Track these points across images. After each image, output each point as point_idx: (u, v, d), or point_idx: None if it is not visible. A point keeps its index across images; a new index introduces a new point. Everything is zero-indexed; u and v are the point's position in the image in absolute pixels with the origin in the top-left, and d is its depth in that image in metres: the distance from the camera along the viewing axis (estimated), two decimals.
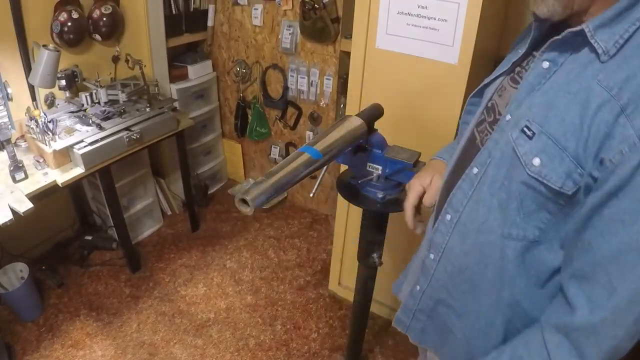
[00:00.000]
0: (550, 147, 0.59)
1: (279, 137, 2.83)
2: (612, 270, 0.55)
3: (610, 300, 0.56)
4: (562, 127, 0.58)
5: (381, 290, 2.04)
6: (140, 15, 2.23)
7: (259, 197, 0.79)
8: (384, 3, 1.43)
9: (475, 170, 0.73)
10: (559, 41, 0.62)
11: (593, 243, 0.57)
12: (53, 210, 2.35)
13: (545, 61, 0.64)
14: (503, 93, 0.75)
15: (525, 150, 0.62)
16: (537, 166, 0.61)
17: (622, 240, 0.54)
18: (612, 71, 0.55)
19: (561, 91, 0.60)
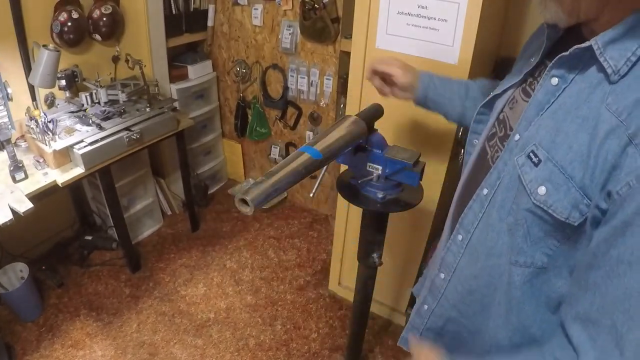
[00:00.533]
0: (557, 175, 0.56)
1: (279, 137, 2.83)
2: (618, 316, 0.50)
3: (617, 348, 0.50)
4: (570, 155, 0.55)
5: (381, 290, 2.04)
6: (140, 15, 2.23)
7: (259, 197, 0.79)
8: (384, 3, 1.43)
9: (485, 192, 0.71)
10: (566, 57, 0.58)
11: (600, 285, 0.52)
12: (53, 210, 2.35)
13: (554, 77, 0.60)
14: (515, 106, 0.72)
15: (531, 177, 0.60)
16: (543, 195, 0.58)
17: (629, 284, 0.49)
18: (622, 93, 0.50)
19: (570, 115, 0.57)
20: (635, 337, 0.48)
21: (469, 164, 0.85)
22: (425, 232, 1.77)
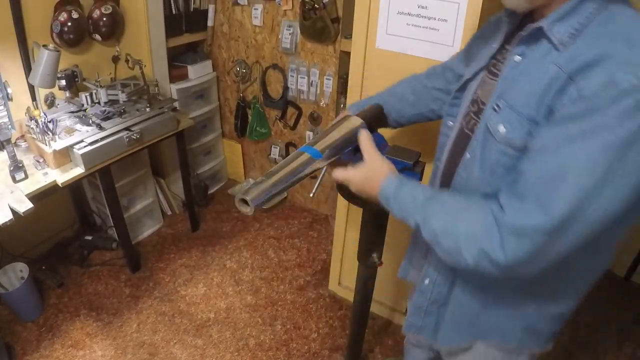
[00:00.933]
0: (512, 115, 0.71)
1: (279, 137, 2.83)
2: (540, 191, 0.64)
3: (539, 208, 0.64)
4: (522, 100, 0.70)
5: (381, 290, 2.04)
6: (140, 16, 2.23)
7: (258, 197, 0.79)
8: (384, 3, 1.43)
9: (468, 156, 0.83)
10: (524, 36, 0.73)
11: (524, 169, 0.67)
12: (53, 210, 2.35)
13: (516, 55, 0.74)
14: (484, 86, 0.84)
15: (493, 122, 0.74)
16: (503, 133, 0.72)
17: (548, 164, 0.64)
18: (564, 55, 0.65)
19: (524, 75, 0.71)
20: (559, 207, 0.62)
21: (449, 143, 0.94)
22: None
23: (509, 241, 0.66)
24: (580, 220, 0.62)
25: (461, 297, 0.94)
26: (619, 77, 0.58)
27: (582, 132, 0.60)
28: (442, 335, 1.01)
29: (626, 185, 0.61)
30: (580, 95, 0.61)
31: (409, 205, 0.81)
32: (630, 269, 2.35)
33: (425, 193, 0.80)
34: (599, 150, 0.59)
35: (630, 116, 0.57)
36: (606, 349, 2.00)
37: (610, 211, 0.62)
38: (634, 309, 2.22)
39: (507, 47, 0.81)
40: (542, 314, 0.89)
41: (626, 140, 0.58)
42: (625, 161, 0.59)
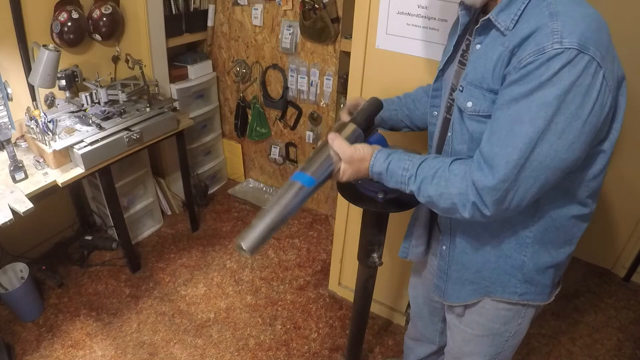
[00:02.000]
0: (474, 91, 0.84)
1: (279, 137, 2.83)
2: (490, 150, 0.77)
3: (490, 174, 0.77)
4: (479, 76, 0.83)
5: (381, 290, 2.04)
6: (140, 15, 2.23)
7: (256, 243, 0.84)
8: (384, 3, 1.43)
9: (449, 134, 0.95)
10: (479, 28, 0.85)
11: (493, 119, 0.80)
12: (53, 210, 2.35)
13: (477, 44, 0.86)
14: (457, 75, 0.95)
15: (461, 100, 0.87)
16: (470, 106, 0.85)
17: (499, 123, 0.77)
18: (508, 37, 0.78)
19: (481, 58, 0.83)
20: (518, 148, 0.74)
21: (436, 131, 1.05)
22: None
23: (484, 196, 0.79)
24: (529, 167, 0.75)
25: (462, 257, 1.04)
26: (546, 45, 0.70)
27: (522, 93, 0.73)
28: (450, 294, 1.11)
29: (570, 132, 0.72)
30: (519, 64, 0.73)
31: (402, 178, 0.91)
32: (631, 269, 2.35)
33: (414, 163, 0.89)
34: (537, 107, 0.71)
35: (559, 76, 0.69)
36: (606, 349, 2.00)
37: (561, 157, 0.74)
38: (634, 309, 2.22)
39: (470, 38, 0.92)
40: (538, 266, 0.97)
41: (559, 96, 0.70)
42: (564, 112, 0.71)
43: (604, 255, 2.44)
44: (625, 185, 2.20)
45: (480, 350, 1.16)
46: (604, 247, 2.40)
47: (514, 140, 0.74)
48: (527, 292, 1.01)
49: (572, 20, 0.70)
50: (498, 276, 1.01)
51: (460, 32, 0.93)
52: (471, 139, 0.88)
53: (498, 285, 1.02)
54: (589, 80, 0.70)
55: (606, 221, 2.31)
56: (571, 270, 2.40)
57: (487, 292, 1.04)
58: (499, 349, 1.14)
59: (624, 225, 2.29)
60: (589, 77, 0.69)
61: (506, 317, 1.07)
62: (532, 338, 2.03)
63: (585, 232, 0.97)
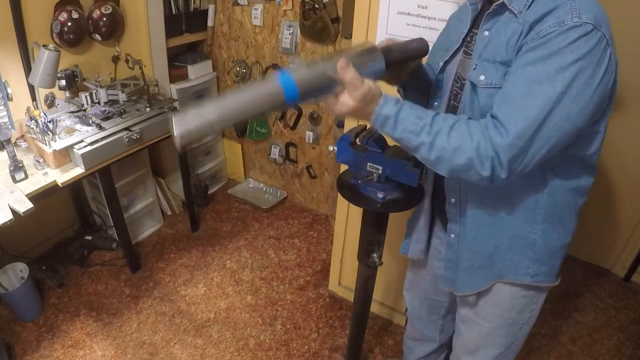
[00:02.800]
0: (487, 65, 0.87)
1: (278, 137, 2.83)
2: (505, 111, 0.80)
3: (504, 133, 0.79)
4: (493, 52, 0.87)
5: (381, 290, 2.04)
6: (140, 15, 2.23)
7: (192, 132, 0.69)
8: (384, 3, 1.43)
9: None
10: (490, 13, 0.89)
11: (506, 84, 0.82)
12: (53, 210, 2.35)
13: (485, 31, 0.91)
14: (463, 65, 0.99)
15: (474, 76, 0.90)
16: (483, 79, 0.88)
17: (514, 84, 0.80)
18: (522, 17, 0.83)
19: (493, 39, 0.88)
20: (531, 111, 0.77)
21: None
22: None
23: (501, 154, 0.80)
24: (545, 127, 0.78)
25: (474, 243, 1.04)
26: (566, 18, 0.76)
27: (541, 56, 0.77)
28: (461, 283, 1.12)
29: (582, 98, 0.77)
30: (538, 35, 0.78)
31: (414, 126, 0.84)
32: (631, 269, 2.35)
33: (427, 113, 0.86)
34: (555, 69, 0.76)
35: (576, 43, 0.75)
36: (606, 349, 2.00)
37: (572, 122, 0.78)
38: (634, 309, 2.22)
39: (474, 30, 0.96)
40: (548, 244, 1.00)
41: (575, 61, 0.75)
42: (579, 79, 0.76)
43: (604, 255, 2.44)
44: (625, 185, 2.20)
45: (496, 341, 1.17)
46: (604, 247, 2.40)
47: (532, 99, 0.77)
48: (538, 273, 1.03)
49: (587, 2, 0.77)
50: (510, 257, 1.03)
51: (470, 24, 0.97)
52: (481, 112, 0.89)
53: (510, 267, 1.04)
54: (600, 54, 0.76)
55: (606, 221, 2.31)
56: (571, 270, 2.40)
57: (500, 276, 1.06)
58: (514, 338, 1.16)
59: (624, 225, 2.29)
60: (600, 51, 0.76)
61: (521, 304, 1.09)
62: (532, 338, 2.03)
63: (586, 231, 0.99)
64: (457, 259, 1.11)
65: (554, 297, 2.20)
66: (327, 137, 2.62)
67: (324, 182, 2.80)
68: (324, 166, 2.74)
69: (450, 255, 1.12)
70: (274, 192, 3.03)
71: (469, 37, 0.98)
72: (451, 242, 1.10)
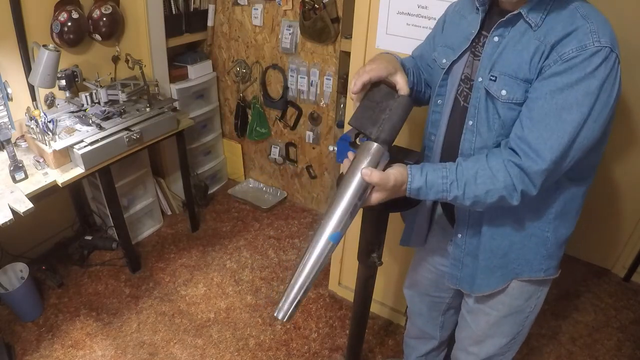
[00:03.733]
0: (509, 80, 0.90)
1: (279, 137, 2.83)
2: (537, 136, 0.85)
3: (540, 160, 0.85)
4: (514, 67, 0.89)
5: (381, 290, 2.04)
6: (140, 15, 2.23)
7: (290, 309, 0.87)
8: (384, 3, 1.43)
9: (470, 122, 0.99)
10: (504, 21, 0.91)
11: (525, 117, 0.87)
12: (53, 210, 2.35)
13: (495, 37, 0.94)
14: (471, 65, 1.01)
15: (494, 89, 0.92)
16: (505, 95, 0.91)
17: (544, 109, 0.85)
18: (539, 32, 0.87)
19: (508, 49, 0.91)
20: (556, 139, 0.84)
21: (444, 118, 1.08)
22: None
23: (534, 179, 0.87)
24: (574, 148, 0.85)
25: (490, 243, 1.07)
26: (587, 43, 0.81)
27: (568, 83, 0.82)
28: (480, 284, 1.14)
29: (602, 117, 0.84)
30: (561, 58, 0.83)
31: (443, 186, 0.92)
32: (631, 269, 2.35)
33: (449, 169, 0.92)
34: (582, 95, 0.82)
35: (599, 69, 0.81)
36: (606, 349, 2.00)
37: (593, 138, 0.86)
38: (634, 309, 2.22)
39: (484, 33, 0.98)
40: (558, 240, 1.06)
41: (599, 85, 0.81)
42: (600, 100, 0.82)
43: (604, 255, 2.44)
44: (625, 185, 2.20)
45: (503, 330, 1.20)
46: (604, 247, 2.40)
47: (563, 126, 0.83)
48: (550, 267, 1.09)
49: (601, 24, 0.83)
50: (524, 256, 1.06)
51: (480, 26, 0.98)
52: (502, 125, 0.94)
53: (525, 266, 1.08)
54: (615, 74, 0.83)
55: (606, 221, 2.31)
56: (571, 270, 2.40)
57: (515, 274, 1.09)
58: (520, 327, 1.20)
59: (624, 225, 2.29)
60: (615, 71, 0.83)
61: (529, 292, 1.13)
62: (532, 338, 2.03)
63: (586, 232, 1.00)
64: (462, 259, 1.13)
65: (554, 297, 2.20)
66: (327, 137, 2.62)
67: (324, 182, 2.80)
68: (324, 166, 2.74)
69: (458, 254, 1.14)
70: (274, 192, 3.03)
71: (477, 39, 0.99)
72: (458, 242, 1.13)
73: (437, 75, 1.09)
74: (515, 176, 0.87)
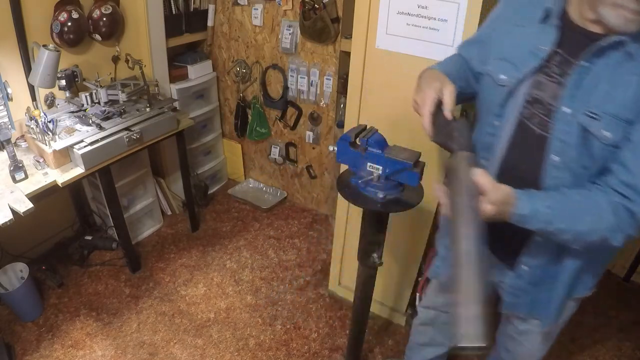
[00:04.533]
0: (612, 121, 0.82)
1: (279, 137, 2.83)
2: None
3: None
4: (617, 106, 0.81)
5: (381, 290, 2.04)
6: (140, 15, 2.23)
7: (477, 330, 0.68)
8: (384, 3, 1.43)
9: (556, 158, 0.89)
10: (601, 47, 0.81)
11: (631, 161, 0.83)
12: (53, 210, 2.35)
13: (584, 62, 0.83)
14: (543, 87, 0.90)
15: (595, 128, 0.84)
16: (609, 137, 0.83)
17: None
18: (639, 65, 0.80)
19: (605, 82, 0.82)
20: None
21: (504, 142, 0.98)
22: (425, 232, 1.77)
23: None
24: None
25: (557, 270, 1.03)
26: None
27: None
28: (540, 308, 1.11)
29: None
30: None
31: (546, 217, 0.86)
32: (630, 269, 2.35)
33: (555, 199, 0.87)
34: None
35: None
36: (606, 349, 2.00)
37: None
38: (634, 309, 2.22)
39: (558, 50, 0.88)
40: (605, 260, 1.07)
41: None
42: None
43: None
44: None
45: (548, 343, 1.23)
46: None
47: None
48: (595, 285, 1.10)
49: None
50: (580, 276, 1.05)
51: (556, 46, 0.88)
52: (593, 162, 0.88)
53: (580, 285, 1.07)
54: None
55: None
56: None
57: (571, 295, 1.09)
58: (552, 341, 1.22)
59: None
60: None
61: (572, 307, 1.15)
62: None
63: None
64: (524, 288, 1.08)
65: None
66: (327, 137, 2.62)
67: (324, 182, 2.80)
68: (324, 166, 2.74)
69: (519, 284, 1.09)
70: (274, 192, 3.03)
71: (552, 58, 0.89)
72: (521, 273, 1.06)
73: (490, 89, 0.99)
74: (625, 220, 0.84)
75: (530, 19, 0.90)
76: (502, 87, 0.95)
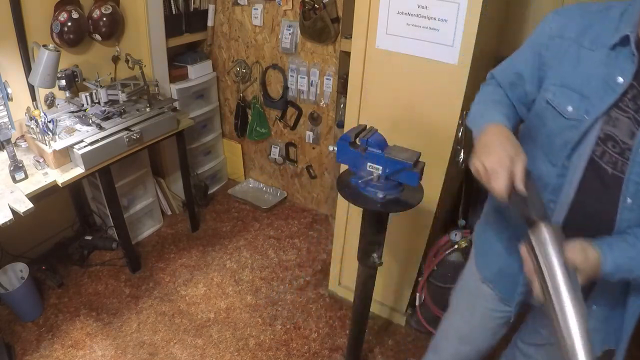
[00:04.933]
0: None
1: (279, 137, 2.83)
2: None
3: None
4: None
5: (381, 290, 2.04)
6: (140, 15, 2.23)
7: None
8: (384, 3, 1.43)
9: (629, 200, 0.83)
10: None
11: None
12: (53, 210, 2.35)
13: None
14: (617, 123, 0.82)
15: None
16: None
17: None
18: None
19: None
20: None
21: (574, 183, 0.89)
22: (425, 232, 1.77)
23: None
24: None
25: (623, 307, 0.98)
26: None
27: None
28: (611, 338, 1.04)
29: None
30: None
31: (628, 266, 0.83)
32: None
33: (637, 249, 0.82)
34: None
35: None
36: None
37: None
38: None
39: (634, 83, 0.79)
40: None
41: None
42: None
43: None
44: None
45: None
46: None
47: None
48: None
49: None
50: None
51: (633, 78, 0.80)
52: None
53: None
54: None
55: None
56: None
57: None
58: None
59: None
60: None
61: None
62: None
63: None
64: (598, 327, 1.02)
65: None
66: (327, 137, 2.62)
67: (324, 182, 2.80)
68: (324, 166, 2.74)
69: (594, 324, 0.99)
70: (274, 192, 3.03)
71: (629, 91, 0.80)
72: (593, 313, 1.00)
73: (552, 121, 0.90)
74: None
75: (602, 44, 0.81)
76: (571, 122, 0.86)
